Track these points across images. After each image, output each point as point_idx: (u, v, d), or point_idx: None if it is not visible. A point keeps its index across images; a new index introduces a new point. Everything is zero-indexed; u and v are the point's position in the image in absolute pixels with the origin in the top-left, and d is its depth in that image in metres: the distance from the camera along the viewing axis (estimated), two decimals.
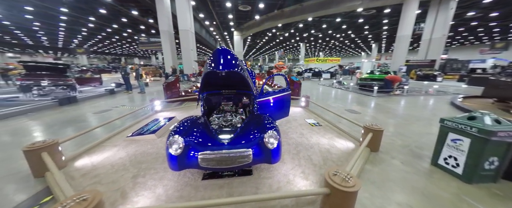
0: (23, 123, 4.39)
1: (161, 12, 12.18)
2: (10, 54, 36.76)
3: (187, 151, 2.04)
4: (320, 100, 7.31)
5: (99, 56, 51.11)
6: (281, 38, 31.45)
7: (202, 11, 18.04)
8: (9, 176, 2.28)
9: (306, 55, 51.46)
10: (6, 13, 17.44)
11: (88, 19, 19.25)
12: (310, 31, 26.22)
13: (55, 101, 6.04)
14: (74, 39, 30.24)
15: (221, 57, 1.81)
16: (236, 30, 24.71)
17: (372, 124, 2.99)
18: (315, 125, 4.16)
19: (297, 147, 3.02)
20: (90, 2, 15.03)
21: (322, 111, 5.22)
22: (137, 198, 1.87)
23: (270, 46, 41.67)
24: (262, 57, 59.91)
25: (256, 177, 2.23)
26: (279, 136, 2.23)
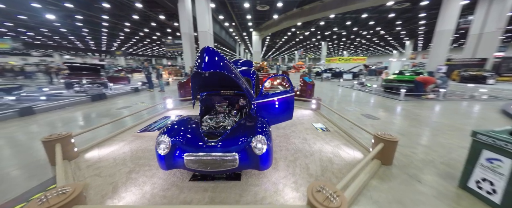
0: (60, 115, 5.10)
1: (182, 15, 12.91)
2: (67, 56, 43.83)
3: (174, 151, 2.05)
4: (335, 103, 6.78)
5: (134, 57, 57.02)
6: (301, 37, 30.46)
7: (221, 13, 18.57)
8: (33, 163, 2.63)
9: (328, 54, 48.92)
10: (63, 22, 20.70)
11: (124, 24, 21.59)
12: (333, 29, 24.77)
13: (88, 97, 6.89)
14: (113, 43, 34.34)
15: (205, 57, 1.76)
16: (255, 31, 24.79)
17: (384, 133, 2.60)
18: (322, 130, 3.85)
19: (296, 154, 2.81)
20: (125, 9, 16.82)
21: (334, 115, 4.81)
22: (125, 194, 1.95)
23: (289, 46, 40.77)
24: (281, 57, 59.06)
25: (243, 182, 2.13)
26: (269, 142, 2.09)
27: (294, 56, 47.94)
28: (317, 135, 3.57)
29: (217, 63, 1.81)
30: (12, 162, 2.71)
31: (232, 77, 2.02)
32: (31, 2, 14.30)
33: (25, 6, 15.16)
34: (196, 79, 2.31)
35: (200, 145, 2.03)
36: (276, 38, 32.58)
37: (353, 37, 30.86)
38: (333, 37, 31.13)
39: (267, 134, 2.13)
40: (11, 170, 2.50)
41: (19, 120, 4.65)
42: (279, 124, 4.06)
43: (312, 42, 35.68)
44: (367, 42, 35.30)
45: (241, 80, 2.22)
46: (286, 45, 40.09)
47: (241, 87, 2.26)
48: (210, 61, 1.77)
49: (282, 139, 3.34)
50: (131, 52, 47.57)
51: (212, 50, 1.82)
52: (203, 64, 1.73)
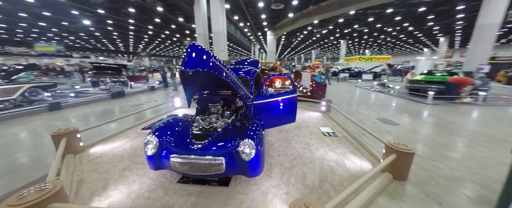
0: (82, 111, 5.58)
1: (198, 17, 13.30)
2: (101, 57, 48.85)
3: (161, 151, 2.01)
4: (349, 106, 6.25)
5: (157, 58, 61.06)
6: (318, 36, 29.26)
7: (236, 13, 18.74)
8: (45, 155, 2.86)
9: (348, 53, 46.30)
10: (97, 26, 23.03)
11: (147, 27, 23.18)
12: (353, 26, 23.26)
13: (109, 94, 7.46)
14: (139, 45, 37.17)
15: (189, 55, 1.67)
16: (269, 30, 24.52)
17: (398, 142, 2.23)
18: (329, 135, 3.52)
19: (294, 160, 2.58)
20: (148, 13, 18.01)
21: (346, 118, 4.40)
22: (113, 192, 1.96)
23: (306, 45, 39.52)
24: (297, 56, 57.64)
25: (231, 189, 2.00)
26: (259, 147, 1.93)
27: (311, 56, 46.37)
28: (322, 140, 3.27)
29: (201, 61, 1.71)
30: (29, 153, 2.99)
31: (221, 76, 1.90)
32: (71, 9, 16.15)
33: (66, 13, 17.18)
34: (186, 78, 2.25)
35: (186, 146, 1.95)
36: (291, 37, 31.85)
37: (376, 35, 28.62)
38: (354, 35, 29.26)
39: (258, 138, 1.97)
40: (25, 160, 2.75)
41: (48, 114, 5.20)
42: (282, 127, 3.84)
43: (330, 40, 34.07)
44: (393, 39, 32.43)
45: (233, 79, 2.09)
46: (302, 44, 38.94)
47: (233, 87, 2.12)
48: (193, 59, 1.67)
49: (282, 143, 3.13)
50: (154, 53, 50.98)
51: (197, 48, 1.72)
52: (186, 62, 1.64)
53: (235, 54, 55.87)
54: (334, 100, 6.84)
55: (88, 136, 3.33)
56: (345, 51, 33.14)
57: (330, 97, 7.58)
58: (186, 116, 2.55)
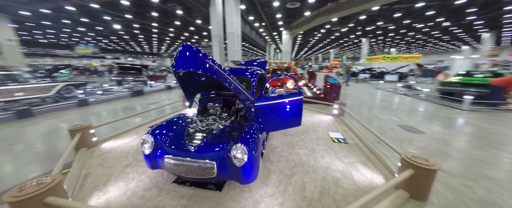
0: (104, 107, 6.09)
1: (213, 18, 13.63)
2: (130, 58, 53.50)
3: (156, 151, 2.03)
4: (367, 109, 5.73)
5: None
6: (337, 34, 27.82)
7: (251, 14, 18.76)
8: (63, 147, 3.13)
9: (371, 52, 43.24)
10: (125, 30, 25.22)
11: (168, 30, 24.62)
12: (376, 23, 21.57)
13: (129, 92, 8.03)
14: (162, 46, 39.74)
15: (180, 55, 1.63)
16: (285, 29, 24.05)
17: (416, 155, 1.92)
18: (338, 141, 3.24)
19: (295, 168, 2.41)
20: (169, 16, 19.10)
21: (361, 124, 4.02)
22: (112, 188, 2.04)
23: (324, 44, 37.90)
24: (315, 56, 55.69)
25: (223, 195, 1.93)
26: (254, 152, 1.82)
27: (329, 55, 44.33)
28: (330, 147, 3.02)
29: (193, 62, 1.66)
30: (50, 145, 3.31)
31: (214, 77, 1.83)
32: (103, 15, 17.92)
33: (100, 19, 19.12)
34: (181, 78, 2.24)
35: (180, 148, 1.93)
36: (308, 37, 30.84)
37: (404, 32, 26.11)
38: (377, 33, 27.13)
39: (252, 142, 1.86)
40: (44, 152, 3.04)
41: (76, 109, 5.77)
42: (288, 130, 3.66)
43: (350, 39, 32.12)
44: (424, 36, 29.26)
45: (229, 80, 2.01)
46: (320, 44, 37.43)
47: (229, 88, 2.05)
48: (185, 59, 1.64)
49: (285, 148, 2.96)
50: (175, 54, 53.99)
51: (189, 48, 1.68)
52: (176, 62, 1.61)
53: (251, 55, 56.21)
54: (350, 103, 6.37)
55: (109, 130, 3.58)
56: (367, 50, 30.96)
57: (346, 99, 7.09)
58: (187, 117, 2.55)
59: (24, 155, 2.94)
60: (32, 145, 3.33)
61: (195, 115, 2.60)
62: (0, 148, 3.20)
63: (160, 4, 15.13)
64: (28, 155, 2.96)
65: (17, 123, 4.46)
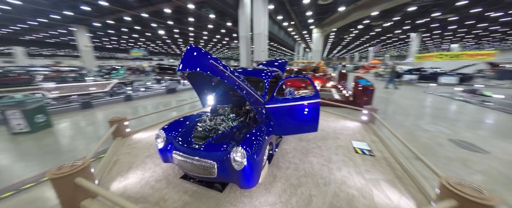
0: (143, 102, 7.00)
1: (242, 20, 14.02)
2: (171, 60, 60.55)
3: (167, 145, 2.18)
4: (409, 117, 4.83)
5: None
6: (378, 30, 24.62)
7: (280, 13, 18.46)
8: None
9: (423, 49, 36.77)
10: (167, 35, 28.60)
11: (202, 33, 26.67)
12: (431, 15, 18.09)
13: (165, 90, 9.03)
14: None
15: (185, 56, 1.68)
16: (316, 27, 22.74)
17: (463, 182, 1.48)
18: (362, 152, 2.82)
19: (304, 178, 2.21)
20: (203, 20, 20.68)
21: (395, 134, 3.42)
22: (131, 175, 2.29)
23: (361, 42, 34.20)
24: (350, 55, 50.83)
25: (223, 196, 1.92)
26: (255, 156, 1.76)
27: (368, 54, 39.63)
28: (350, 158, 2.65)
29: (197, 63, 1.69)
30: (95, 134, 3.97)
31: (219, 78, 1.83)
32: (151, 23, 20.72)
33: (149, 26, 22.19)
34: (190, 79, 2.33)
35: (186, 145, 2.01)
36: (343, 34, 28.33)
37: (472, 23, 21.07)
38: (432, 26, 22.73)
39: (254, 146, 1.79)
40: (88, 140, 3.66)
41: (123, 103, 6.83)
42: (305, 135, 3.41)
43: (395, 35, 27.96)
44: (503, 28, 22.91)
45: (236, 81, 1.98)
46: (356, 41, 33.92)
47: (235, 89, 2.02)
48: (190, 60, 1.68)
49: (297, 154, 2.76)
50: None
51: (194, 49, 1.72)
52: (181, 63, 1.67)
53: (279, 54, 55.50)
54: (387, 109, 5.53)
55: (140, 123, 4.11)
56: (417, 46, 26.35)
57: (383, 104, 6.18)
58: (200, 115, 2.66)
59: (87, 137, 3.64)
60: (93, 129, 4.10)
61: (202, 114, 2.68)
62: (73, 130, 4.04)
63: (195, 10, 16.49)
64: (89, 137, 3.65)
65: (81, 112, 5.57)
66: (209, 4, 14.85)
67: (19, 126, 3.64)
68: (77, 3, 14.39)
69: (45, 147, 3.29)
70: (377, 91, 8.77)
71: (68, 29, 21.81)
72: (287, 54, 53.17)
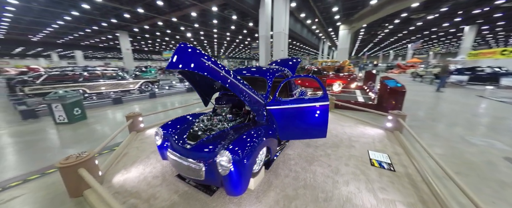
0: (164, 100, 7.53)
1: (262, 20, 13.91)
2: None
3: (163, 143, 2.21)
4: (453, 126, 3.97)
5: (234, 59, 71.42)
6: (420, 24, 21.46)
7: (303, 11, 17.72)
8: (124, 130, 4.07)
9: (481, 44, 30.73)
10: (194, 37, 30.51)
11: (226, 34, 27.58)
12: (495, 2, 14.87)
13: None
14: (221, 49, 45.20)
15: (175, 54, 1.64)
16: (343, 24, 21.07)
17: None
18: (380, 166, 2.39)
19: (303, 189, 1.97)
20: (226, 21, 21.36)
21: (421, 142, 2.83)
22: (134, 169, 2.41)
23: (396, 38, 30.36)
24: (383, 53, 45.74)
25: (211, 201, 1.84)
26: (244, 161, 1.63)
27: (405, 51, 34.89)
28: (363, 171, 2.28)
29: (185, 61, 1.64)
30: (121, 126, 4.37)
31: (210, 77, 1.75)
32: (180, 26, 22.37)
33: (178, 30, 24.01)
34: (187, 78, 2.31)
35: (179, 144, 2.00)
36: (375, 30, 25.61)
37: None
38: (495, 16, 18.67)
39: (245, 151, 1.67)
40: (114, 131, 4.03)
41: (147, 100, 7.47)
42: (314, 141, 3.10)
43: (442, 28, 23.91)
44: None
45: (230, 80, 1.87)
46: (392, 37, 30.25)
47: (229, 88, 1.91)
48: (179, 58, 1.64)
49: (300, 161, 2.51)
50: (232, 55, 59.95)
51: (185, 47, 1.68)
52: (170, 61, 1.64)
53: (302, 54, 53.57)
54: (424, 115, 4.69)
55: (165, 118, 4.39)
56: (472, 42, 22.04)
57: (418, 109, 5.29)
58: (199, 114, 2.65)
59: (114, 129, 4.06)
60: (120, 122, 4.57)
61: (203, 114, 2.65)
62: (103, 122, 4.58)
63: (218, 12, 17.10)
64: (115, 129, 4.07)
65: (112, 107, 6.28)
66: (230, 6, 15.21)
67: (60, 117, 4.28)
68: (121, 11, 16.48)
69: (79, 135, 3.78)
70: (415, 94, 7.59)
71: (114, 35, 25.28)
72: (311, 53, 50.98)
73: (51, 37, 27.37)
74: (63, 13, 16.62)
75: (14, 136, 3.74)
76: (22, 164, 2.71)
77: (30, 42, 29.11)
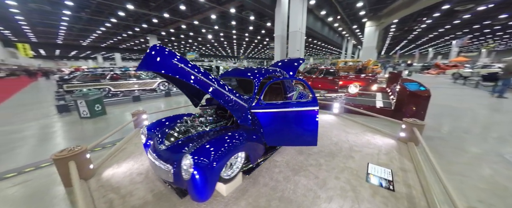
0: (180, 98, 7.96)
1: (278, 19, 13.64)
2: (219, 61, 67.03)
3: (146, 142, 2.29)
4: (485, 139, 3.21)
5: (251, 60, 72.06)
6: (467, 17, 18.30)
7: (323, 8, 16.80)
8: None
9: None
10: (215, 39, 31.74)
11: (244, 35, 27.97)
12: None
13: None
14: (240, 50, 46.07)
15: (146, 56, 1.66)
16: (370, 20, 19.27)
17: None
18: (379, 183, 2.05)
19: (276, 202, 1.80)
20: (244, 22, 21.65)
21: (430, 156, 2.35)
22: (125, 164, 2.56)
23: (439, 33, 26.47)
24: (420, 51, 40.45)
25: (179, 203, 1.83)
26: (209, 166, 1.57)
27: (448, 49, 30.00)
28: (353, 188, 1.98)
29: (155, 63, 1.64)
30: None
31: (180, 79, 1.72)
32: (201, 29, 23.53)
33: (199, 32, 25.29)
34: (173, 81, 2.33)
35: (157, 144, 2.04)
36: (409, 25, 22.80)
37: None
38: None
39: (208, 156, 1.61)
40: (129, 126, 4.39)
41: (163, 98, 8.00)
42: (308, 148, 2.86)
43: (497, 21, 19.96)
44: None
45: (203, 82, 1.83)
46: (430, 33, 26.52)
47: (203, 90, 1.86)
48: (147, 60, 1.65)
49: (285, 170, 2.32)
50: (251, 56, 60.60)
51: (156, 49, 1.68)
52: (140, 63, 1.67)
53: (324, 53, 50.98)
54: (458, 125, 3.94)
55: None
56: None
57: (455, 117, 4.48)
58: (184, 115, 2.68)
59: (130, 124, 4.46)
60: None
61: (192, 114, 2.66)
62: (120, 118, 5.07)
63: (237, 13, 17.41)
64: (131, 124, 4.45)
65: (131, 104, 6.90)
66: (247, 7, 15.32)
67: (84, 112, 4.86)
68: (150, 17, 18.14)
69: (98, 129, 4.24)
70: (451, 100, 6.47)
71: (146, 38, 28.00)
72: (334, 53, 48.21)
73: (96, 42, 31.71)
74: (105, 21, 19.11)
75: (44, 127, 4.37)
76: (38, 154, 3.13)
77: (81, 46, 34.32)
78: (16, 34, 25.26)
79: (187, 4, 15.71)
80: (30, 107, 6.52)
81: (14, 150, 3.17)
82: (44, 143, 3.52)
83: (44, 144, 3.48)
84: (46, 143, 3.52)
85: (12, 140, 3.63)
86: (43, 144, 3.45)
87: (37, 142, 3.55)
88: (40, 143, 3.52)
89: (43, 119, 5.00)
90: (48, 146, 3.39)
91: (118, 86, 7.80)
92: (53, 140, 3.64)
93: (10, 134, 3.92)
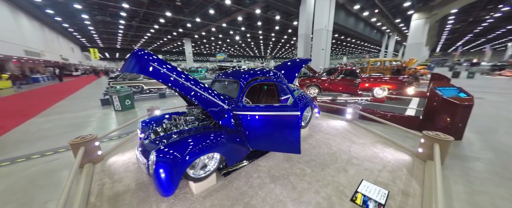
0: None
1: (302, 17, 13.06)
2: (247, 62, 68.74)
3: (139, 137, 2.54)
4: None
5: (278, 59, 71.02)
6: None
7: (357, 2, 15.20)
8: None
9: None
10: (242, 40, 32.73)
11: (271, 35, 27.87)
12: None
13: None
14: (267, 50, 46.13)
15: (128, 59, 1.84)
16: (418, 12, 16.36)
17: None
18: (364, 204, 1.74)
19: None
20: (270, 22, 21.59)
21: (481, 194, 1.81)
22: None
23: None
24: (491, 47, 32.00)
25: (153, 195, 1.96)
26: (169, 164, 1.65)
27: None
28: (331, 206, 1.73)
29: (136, 66, 1.78)
30: None
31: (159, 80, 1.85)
32: (229, 31, 24.63)
33: (227, 33, 26.53)
34: None
35: (144, 139, 2.24)
36: (476, 15, 18.36)
37: None
38: None
39: (173, 154, 1.69)
40: None
41: None
42: (298, 156, 2.65)
43: None
44: None
45: (181, 84, 1.92)
46: (508, 24, 20.65)
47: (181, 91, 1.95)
48: (129, 63, 1.83)
49: (263, 175, 2.21)
50: (278, 56, 59.95)
51: (138, 52, 1.83)
52: (123, 65, 1.86)
53: (360, 52, 45.99)
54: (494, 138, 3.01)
55: None
56: None
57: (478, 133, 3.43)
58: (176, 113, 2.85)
59: None
60: None
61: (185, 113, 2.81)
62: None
63: (262, 13, 17.51)
64: None
65: (157, 100, 7.79)
66: (272, 7, 15.19)
67: (117, 106, 5.75)
68: (185, 22, 20.12)
69: (125, 120, 4.97)
70: None
71: (182, 41, 31.17)
72: (372, 51, 43.05)
73: (144, 45, 36.96)
74: (150, 27, 22.19)
75: (86, 116, 5.36)
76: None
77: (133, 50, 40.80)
78: (89, 41, 31.91)
79: (216, 8, 16.67)
80: (86, 99, 8.13)
81: (64, 133, 4.02)
82: (82, 128, 4.34)
83: (81, 129, 4.28)
84: (83, 129, 4.33)
85: (64, 125, 4.61)
86: (80, 129, 4.26)
87: (75, 128, 4.41)
88: (77, 128, 4.35)
89: (90, 110, 6.17)
90: (83, 131, 4.16)
91: (149, 84, 8.94)
92: (88, 127, 4.44)
93: (64, 120, 4.99)
